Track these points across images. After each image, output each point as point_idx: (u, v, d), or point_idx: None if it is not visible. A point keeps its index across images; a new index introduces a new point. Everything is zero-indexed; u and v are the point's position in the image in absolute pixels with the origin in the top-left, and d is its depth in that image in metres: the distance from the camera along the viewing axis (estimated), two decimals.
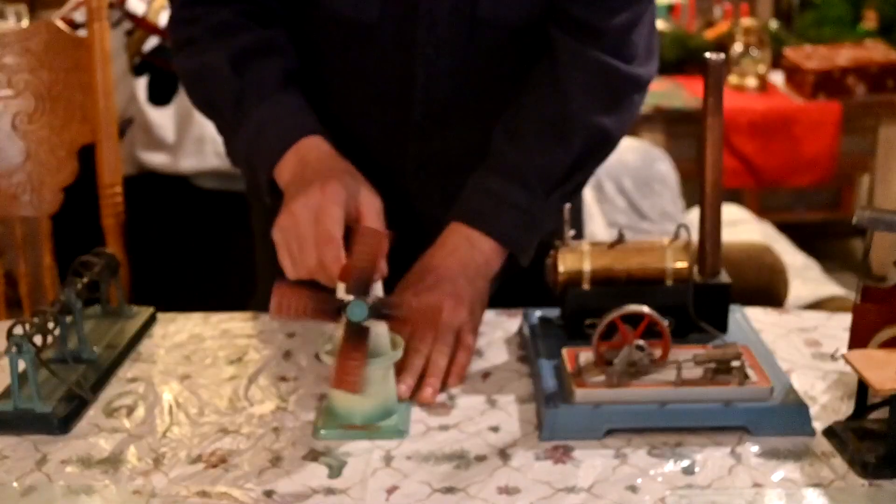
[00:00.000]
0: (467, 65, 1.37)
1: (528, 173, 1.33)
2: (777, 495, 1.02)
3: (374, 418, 1.13)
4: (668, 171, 3.51)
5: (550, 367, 1.20)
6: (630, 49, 1.37)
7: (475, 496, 1.02)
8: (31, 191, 1.74)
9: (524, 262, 1.36)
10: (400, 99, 1.39)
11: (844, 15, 4.44)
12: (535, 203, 1.34)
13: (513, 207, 1.33)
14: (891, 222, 1.16)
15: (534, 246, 1.36)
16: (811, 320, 1.40)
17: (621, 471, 1.06)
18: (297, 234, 1.17)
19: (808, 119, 3.91)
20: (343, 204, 1.18)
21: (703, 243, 1.29)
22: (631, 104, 1.40)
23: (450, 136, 1.40)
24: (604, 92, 1.36)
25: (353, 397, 1.11)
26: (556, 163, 1.35)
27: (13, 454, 1.11)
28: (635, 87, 1.40)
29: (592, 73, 1.34)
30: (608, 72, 1.35)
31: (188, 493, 1.04)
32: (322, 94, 1.40)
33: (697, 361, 1.14)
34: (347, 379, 1.08)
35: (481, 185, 1.34)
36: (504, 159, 1.35)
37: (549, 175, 1.35)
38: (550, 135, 1.34)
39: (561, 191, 1.36)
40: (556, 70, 1.35)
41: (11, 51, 1.70)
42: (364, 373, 1.09)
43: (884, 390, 1.03)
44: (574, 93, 1.34)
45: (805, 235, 4.08)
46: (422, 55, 1.35)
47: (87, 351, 1.27)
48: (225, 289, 1.74)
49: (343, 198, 1.18)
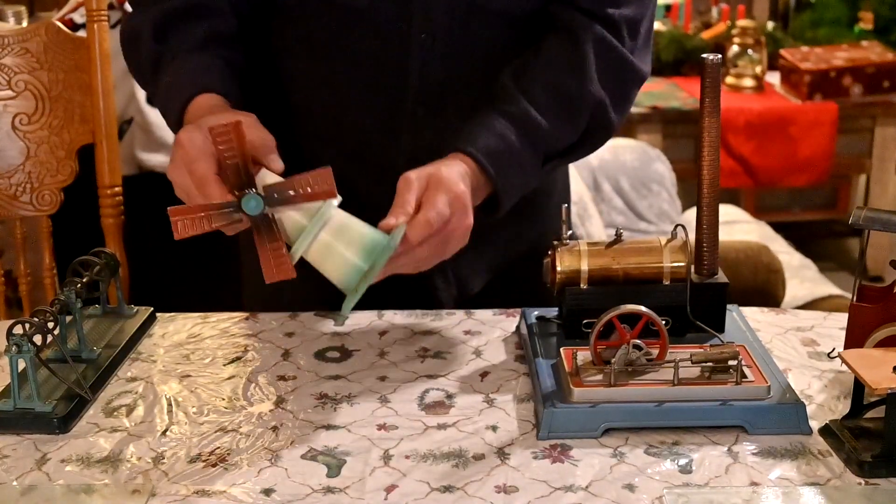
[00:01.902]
0: (463, 52, 1.36)
1: (537, 133, 1.31)
2: (774, 494, 1.02)
3: (367, 260, 1.13)
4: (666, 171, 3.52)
5: (548, 367, 1.20)
6: (636, 42, 1.37)
7: (473, 495, 1.03)
8: (30, 191, 1.74)
9: (503, 208, 1.32)
10: (394, 85, 1.37)
11: (841, 16, 4.45)
12: (535, 163, 1.32)
13: (515, 156, 1.30)
14: (887, 222, 1.16)
15: (512, 202, 1.33)
16: (808, 320, 1.40)
17: (619, 469, 1.06)
18: (185, 193, 1.18)
19: (804, 119, 3.92)
20: (201, 142, 1.15)
21: (700, 243, 1.29)
22: (631, 97, 1.40)
23: (443, 127, 1.39)
24: (615, 80, 1.36)
25: (336, 268, 1.12)
26: (563, 135, 1.34)
27: (13, 453, 1.11)
28: (639, 81, 1.40)
29: (610, 60, 1.35)
30: (621, 61, 1.36)
31: (187, 491, 1.04)
32: (314, 83, 1.40)
33: (695, 361, 1.15)
34: (278, 268, 1.11)
35: (491, 125, 1.30)
36: (519, 110, 1.31)
37: (555, 143, 1.34)
38: (565, 107, 1.33)
39: (555, 163, 1.36)
40: (578, 48, 1.34)
41: (11, 51, 1.71)
42: (288, 256, 1.12)
43: (880, 389, 1.04)
44: (594, 75, 1.33)
45: (801, 235, 4.09)
46: (417, 41, 1.34)
47: (87, 350, 1.28)
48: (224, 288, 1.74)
49: (198, 138, 1.16)
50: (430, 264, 1.22)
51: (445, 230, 1.19)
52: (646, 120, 3.86)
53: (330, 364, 1.29)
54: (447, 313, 1.41)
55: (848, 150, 4.06)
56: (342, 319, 1.16)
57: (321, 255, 1.14)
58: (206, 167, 1.15)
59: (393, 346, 1.33)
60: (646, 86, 1.47)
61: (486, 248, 1.49)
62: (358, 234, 1.14)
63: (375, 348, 1.33)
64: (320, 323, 1.40)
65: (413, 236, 1.16)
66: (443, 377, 1.25)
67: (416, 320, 1.40)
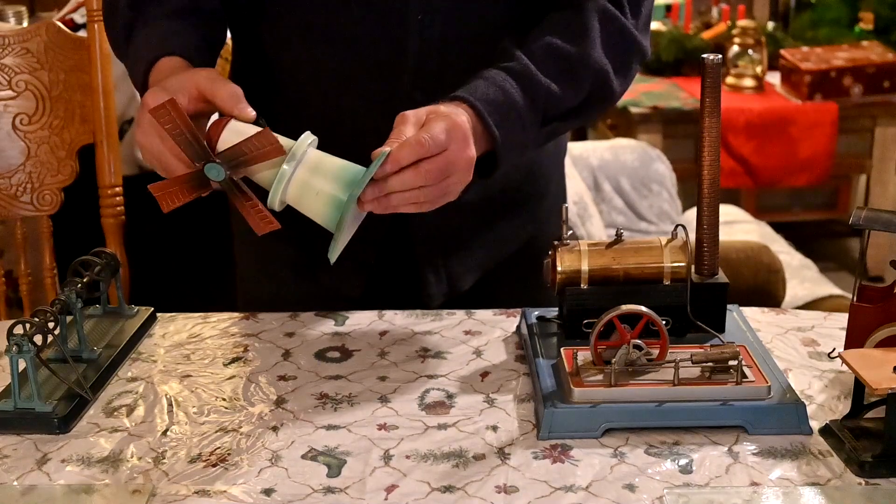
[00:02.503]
0: (461, 33, 1.35)
1: (538, 90, 1.29)
2: (774, 494, 1.02)
3: (346, 191, 1.13)
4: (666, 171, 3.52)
5: (548, 367, 1.20)
6: (638, 20, 1.37)
7: (474, 495, 1.03)
8: (31, 191, 1.74)
9: (500, 166, 1.28)
10: (391, 67, 1.36)
11: (841, 16, 4.45)
12: (535, 121, 1.30)
13: (516, 110, 1.27)
14: (887, 222, 1.16)
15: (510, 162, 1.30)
16: (808, 320, 1.40)
17: (619, 470, 1.06)
18: (157, 158, 1.18)
19: (804, 119, 3.92)
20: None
21: (700, 243, 1.29)
22: (633, 69, 1.39)
23: None
24: (618, 50, 1.34)
25: (315, 203, 1.14)
26: (565, 97, 1.32)
27: (13, 453, 1.11)
28: (640, 55, 1.39)
29: (613, 30, 1.34)
30: (625, 32, 1.35)
31: (188, 491, 1.04)
32: (310, 71, 1.39)
33: (695, 361, 1.15)
34: (262, 221, 1.16)
35: (492, 78, 1.28)
36: (520, 66, 1.29)
37: (556, 104, 1.31)
38: (566, 69, 1.31)
39: (554, 126, 1.34)
40: (581, 16, 1.33)
41: (12, 52, 1.71)
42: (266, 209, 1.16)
43: (880, 389, 1.04)
44: (596, 41, 1.32)
45: (802, 235, 4.09)
46: (415, 21, 1.33)
47: (87, 350, 1.28)
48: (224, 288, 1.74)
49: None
50: (431, 198, 1.18)
51: (443, 158, 1.15)
52: (646, 120, 3.86)
53: (330, 364, 1.29)
54: (447, 313, 1.41)
55: (848, 150, 4.06)
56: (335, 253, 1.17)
57: (299, 193, 1.15)
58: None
59: (393, 347, 1.33)
60: (646, 86, 1.47)
61: (478, 246, 1.49)
62: (333, 167, 1.15)
63: (376, 348, 1.33)
64: (321, 323, 1.40)
65: (401, 156, 1.13)
66: (443, 377, 1.25)
67: (416, 320, 1.40)
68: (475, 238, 1.49)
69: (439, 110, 1.19)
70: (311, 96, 1.39)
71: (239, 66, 1.50)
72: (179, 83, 1.18)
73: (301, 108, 1.42)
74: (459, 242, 1.48)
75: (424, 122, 1.18)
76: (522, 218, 1.51)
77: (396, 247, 1.44)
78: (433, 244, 1.46)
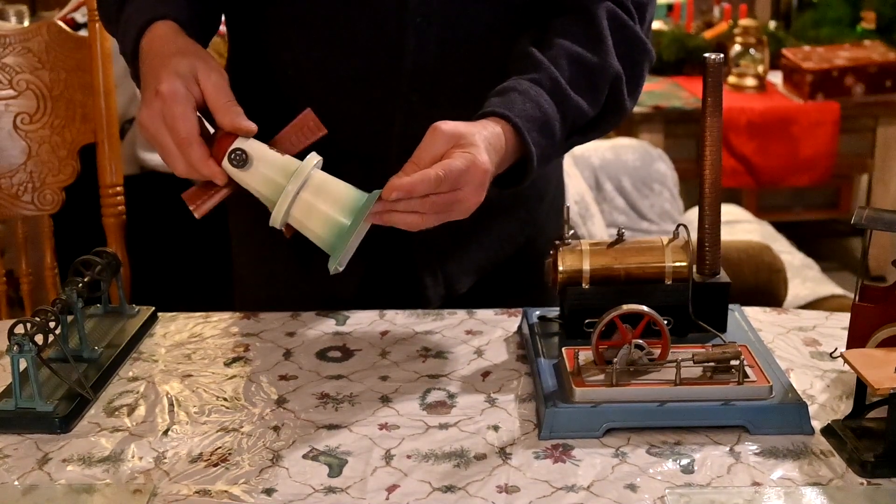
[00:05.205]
0: (459, 36, 1.34)
1: (567, 104, 1.28)
2: (776, 494, 1.02)
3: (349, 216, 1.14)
4: (667, 170, 3.52)
5: (550, 366, 1.20)
6: (643, 25, 1.36)
7: (475, 495, 1.03)
8: (32, 190, 1.74)
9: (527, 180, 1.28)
10: (388, 71, 1.35)
11: (843, 15, 4.45)
12: (563, 135, 1.29)
13: (550, 125, 1.26)
14: (889, 222, 1.16)
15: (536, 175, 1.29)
16: (810, 319, 1.40)
17: (620, 469, 1.06)
18: (159, 147, 1.17)
19: (806, 119, 3.92)
20: (184, 98, 1.15)
21: (702, 243, 1.29)
22: (644, 75, 1.38)
23: (436, 116, 1.36)
24: (629, 56, 1.34)
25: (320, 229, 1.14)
26: (585, 109, 1.31)
27: (14, 453, 1.11)
28: (650, 60, 1.38)
29: (623, 36, 1.33)
30: (634, 37, 1.34)
31: (189, 491, 1.04)
32: (307, 73, 1.38)
33: (696, 360, 1.15)
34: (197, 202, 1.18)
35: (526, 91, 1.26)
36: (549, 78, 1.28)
37: (579, 117, 1.31)
38: (588, 80, 1.30)
39: (574, 140, 1.33)
40: (594, 22, 1.32)
41: (13, 51, 1.71)
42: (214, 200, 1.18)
43: (882, 389, 1.04)
44: (610, 48, 1.31)
45: (803, 235, 4.09)
46: (412, 24, 1.32)
47: (88, 350, 1.28)
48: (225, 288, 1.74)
49: (181, 92, 1.15)
50: (428, 223, 1.18)
51: (453, 196, 1.15)
52: (648, 119, 3.86)
53: (331, 364, 1.29)
54: (448, 313, 1.41)
55: (850, 149, 4.06)
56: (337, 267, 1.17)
57: (302, 214, 1.15)
58: (189, 127, 1.14)
59: (394, 346, 1.33)
60: (648, 85, 1.47)
61: (475, 248, 1.48)
62: (338, 192, 1.15)
63: (377, 348, 1.33)
64: (322, 322, 1.40)
65: (416, 189, 1.12)
66: (444, 377, 1.25)
67: (417, 320, 1.40)
68: (473, 240, 1.48)
69: (472, 139, 1.17)
70: (308, 98, 1.39)
71: (235, 66, 1.49)
72: (188, 67, 1.17)
73: (298, 109, 1.41)
74: (457, 245, 1.47)
75: (451, 149, 1.16)
76: (521, 220, 1.51)
77: (393, 249, 1.44)
78: (430, 247, 1.45)
